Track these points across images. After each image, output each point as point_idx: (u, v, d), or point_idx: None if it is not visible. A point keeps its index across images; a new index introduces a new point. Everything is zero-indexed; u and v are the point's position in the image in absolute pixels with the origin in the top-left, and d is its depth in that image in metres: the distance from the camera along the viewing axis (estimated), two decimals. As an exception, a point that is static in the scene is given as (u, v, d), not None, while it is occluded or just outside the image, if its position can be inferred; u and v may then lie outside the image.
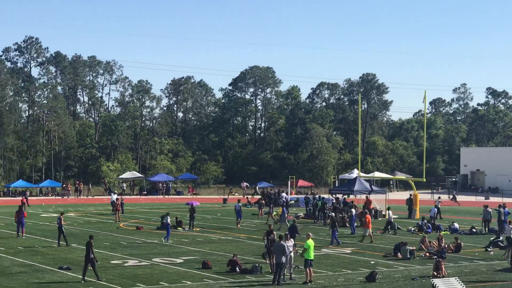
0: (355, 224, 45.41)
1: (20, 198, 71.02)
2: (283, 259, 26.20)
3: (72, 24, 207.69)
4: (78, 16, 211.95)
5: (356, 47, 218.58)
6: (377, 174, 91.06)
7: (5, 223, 49.74)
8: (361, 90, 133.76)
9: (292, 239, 29.08)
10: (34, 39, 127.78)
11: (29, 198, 73.66)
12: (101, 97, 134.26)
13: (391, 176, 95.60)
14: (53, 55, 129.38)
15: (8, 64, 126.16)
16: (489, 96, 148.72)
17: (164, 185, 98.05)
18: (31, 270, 28.85)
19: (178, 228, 45.23)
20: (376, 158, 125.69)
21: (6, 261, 30.68)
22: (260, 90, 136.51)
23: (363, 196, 55.83)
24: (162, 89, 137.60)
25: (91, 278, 26.75)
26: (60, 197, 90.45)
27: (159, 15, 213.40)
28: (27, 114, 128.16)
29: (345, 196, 57.90)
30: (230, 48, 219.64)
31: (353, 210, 47.15)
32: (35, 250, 35.06)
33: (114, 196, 59.51)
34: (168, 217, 40.57)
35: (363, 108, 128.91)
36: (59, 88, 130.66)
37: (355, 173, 77.10)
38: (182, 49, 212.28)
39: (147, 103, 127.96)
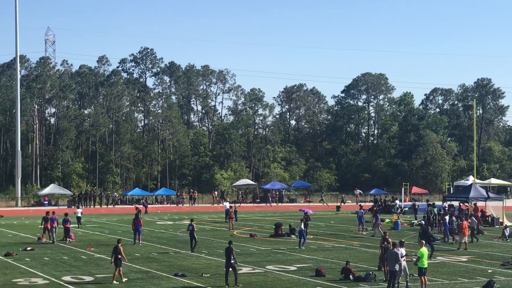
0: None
1: (136, 206, 72.64)
2: (397, 267, 25.55)
3: (185, 34, 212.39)
4: (191, 27, 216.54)
5: (471, 51, 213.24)
6: (494, 181, 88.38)
7: (122, 231, 50.94)
8: (476, 95, 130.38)
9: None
10: (149, 50, 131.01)
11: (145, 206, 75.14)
12: (214, 105, 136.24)
13: (509, 183, 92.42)
14: (167, 65, 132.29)
15: (124, 75, 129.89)
16: None
17: (277, 192, 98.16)
18: (147, 276, 29.31)
19: (292, 236, 45.04)
20: (493, 165, 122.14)
21: (124, 268, 31.30)
22: (372, 97, 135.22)
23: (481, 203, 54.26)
24: (274, 97, 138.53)
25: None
26: (175, 205, 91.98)
27: (270, 25, 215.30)
28: (142, 124, 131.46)
29: (461, 203, 56.25)
30: (342, 55, 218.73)
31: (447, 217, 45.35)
32: (151, 257, 35.65)
33: (228, 204, 60.06)
34: (302, 223, 40.23)
35: (478, 114, 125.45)
36: (173, 97, 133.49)
37: (471, 179, 74.94)
38: (294, 57, 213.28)
39: (260, 111, 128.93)
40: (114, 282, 27.46)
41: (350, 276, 28.56)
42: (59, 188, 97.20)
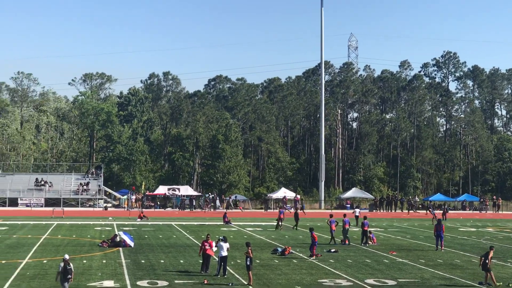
0: None
1: (439, 211, 71.52)
2: None
3: (489, 37, 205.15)
4: (494, 29, 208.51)
5: None
6: None
7: (424, 236, 50.49)
8: None
9: None
10: (452, 54, 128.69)
11: (448, 212, 73.81)
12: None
13: None
14: (471, 69, 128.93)
15: (426, 79, 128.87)
16: None
17: None
18: (450, 283, 28.72)
19: None
20: None
21: (426, 273, 31.02)
22: None
23: None
24: None
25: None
26: (478, 212, 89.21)
27: None
28: (444, 128, 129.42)
29: None
30: None
31: None
32: (454, 264, 34.89)
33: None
34: None
35: None
36: (476, 102, 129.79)
37: None
38: None
39: None
40: None
41: None
42: (361, 192, 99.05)
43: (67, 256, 23.84)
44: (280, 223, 54.98)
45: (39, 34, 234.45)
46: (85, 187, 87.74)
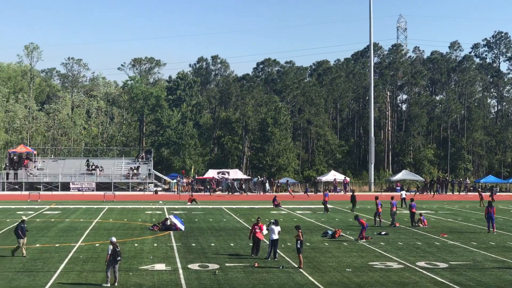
0: None
1: (487, 193, 70.55)
2: None
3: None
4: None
5: None
6: None
7: (476, 218, 49.93)
8: None
9: None
10: (503, 34, 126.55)
11: (497, 194, 72.93)
12: None
13: None
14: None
15: (477, 60, 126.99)
16: None
17: None
18: (503, 265, 28.37)
19: None
20: None
21: (478, 256, 30.69)
22: None
23: None
24: None
25: None
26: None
27: None
28: (495, 110, 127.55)
29: None
30: None
31: None
32: (507, 246, 34.44)
33: None
34: None
35: None
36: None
37: None
38: None
39: None
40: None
41: None
42: (411, 174, 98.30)
43: (114, 239, 24.26)
44: (327, 205, 55.01)
45: (89, 20, 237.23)
46: (135, 171, 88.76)
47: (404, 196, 60.37)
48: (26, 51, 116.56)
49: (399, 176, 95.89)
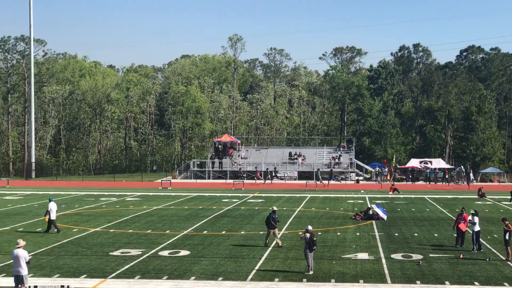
0: None
1: None
2: None
3: None
4: None
5: None
6: None
7: None
8: None
9: None
10: None
11: None
12: None
13: None
14: None
15: None
16: None
17: None
18: None
19: None
20: None
21: None
22: None
23: None
24: None
25: None
26: None
27: None
28: None
29: None
30: None
31: None
32: None
33: None
34: None
35: None
36: None
37: None
38: None
39: None
40: None
41: None
42: None
43: (310, 227, 24.75)
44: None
45: (292, 11, 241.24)
46: (337, 160, 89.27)
47: None
48: (230, 42, 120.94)
49: None
